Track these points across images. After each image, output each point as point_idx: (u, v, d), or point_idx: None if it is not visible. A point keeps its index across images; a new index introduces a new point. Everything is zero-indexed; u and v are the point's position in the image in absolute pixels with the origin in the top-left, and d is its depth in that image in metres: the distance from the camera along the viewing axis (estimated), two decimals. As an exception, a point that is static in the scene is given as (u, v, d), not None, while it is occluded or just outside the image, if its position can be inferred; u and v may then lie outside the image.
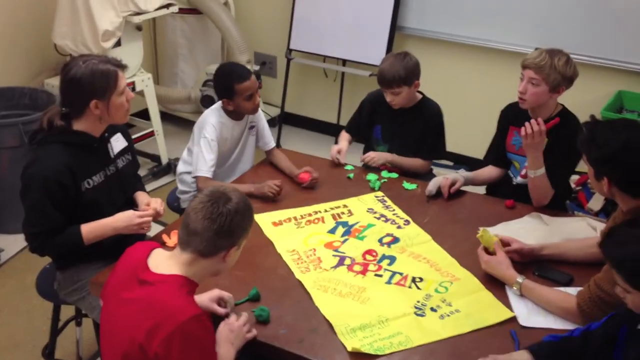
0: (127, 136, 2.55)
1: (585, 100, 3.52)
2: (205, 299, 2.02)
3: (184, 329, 1.65)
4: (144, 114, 4.54)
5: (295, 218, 2.66)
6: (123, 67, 2.30)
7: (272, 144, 3.14)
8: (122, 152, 2.50)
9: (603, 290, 1.94)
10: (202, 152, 2.89)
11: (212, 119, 2.93)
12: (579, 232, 2.46)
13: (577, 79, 2.71)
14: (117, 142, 2.47)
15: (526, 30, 4.02)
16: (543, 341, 1.91)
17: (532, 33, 3.96)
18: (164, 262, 1.80)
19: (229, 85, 2.86)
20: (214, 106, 3.01)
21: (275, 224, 2.61)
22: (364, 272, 2.33)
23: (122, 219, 2.32)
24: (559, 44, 2.76)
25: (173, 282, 1.75)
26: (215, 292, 2.05)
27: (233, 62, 4.18)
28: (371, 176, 2.97)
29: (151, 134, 4.43)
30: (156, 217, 2.43)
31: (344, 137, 3.25)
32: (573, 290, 2.11)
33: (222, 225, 1.75)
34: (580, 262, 2.30)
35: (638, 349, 1.69)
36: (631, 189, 1.96)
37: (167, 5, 4.22)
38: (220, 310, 2.02)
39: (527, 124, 2.57)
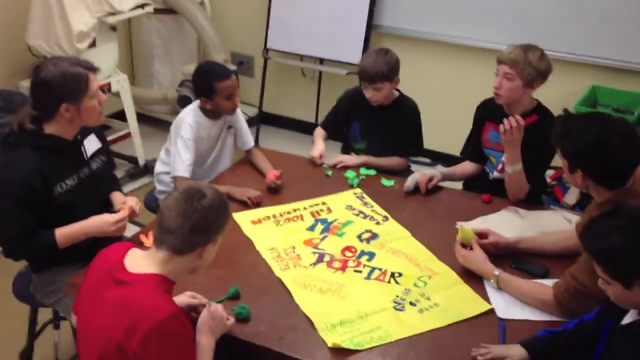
0: (101, 137, 2.52)
1: (559, 96, 3.56)
2: (181, 298, 2.01)
3: (162, 327, 1.65)
4: (121, 115, 4.50)
5: (274, 216, 2.66)
6: (95, 69, 2.28)
7: (251, 143, 3.14)
8: (97, 154, 2.48)
9: (578, 282, 1.97)
10: (179, 151, 2.88)
11: (188, 118, 2.92)
12: (554, 225, 2.49)
13: (552, 74, 2.74)
14: (91, 144, 2.45)
15: (500, 27, 4.06)
16: (537, 336, 1.93)
17: (507, 30, 4.00)
18: (140, 261, 1.79)
19: (209, 84, 2.85)
20: (190, 106, 3.00)
21: (254, 222, 2.61)
22: (343, 268, 2.34)
23: (96, 224, 2.29)
24: (534, 40, 2.79)
25: (149, 281, 1.74)
26: (189, 293, 2.04)
27: (213, 61, 4.16)
28: (349, 173, 2.98)
29: (127, 135, 4.40)
30: (132, 217, 2.41)
31: (320, 134, 3.25)
32: (549, 282, 2.14)
33: (196, 222, 1.74)
34: (556, 254, 2.33)
35: (624, 345, 1.70)
36: (605, 181, 1.99)
37: (142, 5, 4.20)
38: (197, 302, 2.01)
39: (505, 120, 2.59)
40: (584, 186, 2.04)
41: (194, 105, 2.98)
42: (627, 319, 1.73)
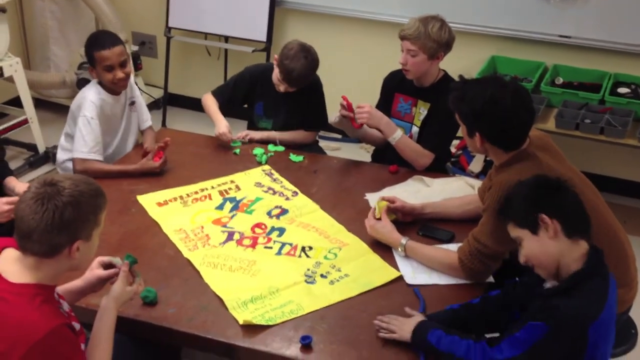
0: (-12, 122, 2.39)
1: (461, 66, 3.61)
2: (87, 274, 1.87)
3: (41, 348, 1.52)
4: (16, 102, 4.27)
5: (181, 197, 2.60)
6: None
7: (148, 122, 3.04)
8: (-15, 139, 2.34)
9: (480, 243, 2.03)
10: (82, 131, 2.74)
11: (90, 96, 2.78)
12: (458, 191, 2.55)
13: (454, 45, 2.79)
14: (-22, 129, 2.32)
15: (403, 1, 4.10)
16: (444, 309, 1.96)
17: (409, 3, 4.04)
18: (13, 266, 1.64)
19: (90, 52, 2.75)
20: (90, 83, 2.86)
21: (160, 204, 2.54)
22: (253, 245, 2.31)
23: None
24: (434, 12, 2.82)
25: (24, 293, 1.59)
26: (98, 261, 1.88)
27: (106, 30, 3.98)
28: (257, 150, 2.94)
29: (25, 121, 4.17)
30: None
31: (216, 106, 3.08)
32: (454, 247, 2.19)
33: (50, 223, 1.57)
34: (459, 218, 2.39)
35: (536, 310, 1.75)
36: (501, 142, 2.04)
37: (33, -15, 3.98)
38: (106, 274, 1.87)
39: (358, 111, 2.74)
40: (483, 150, 2.09)
41: (94, 81, 2.85)
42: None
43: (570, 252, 1.73)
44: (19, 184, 2.48)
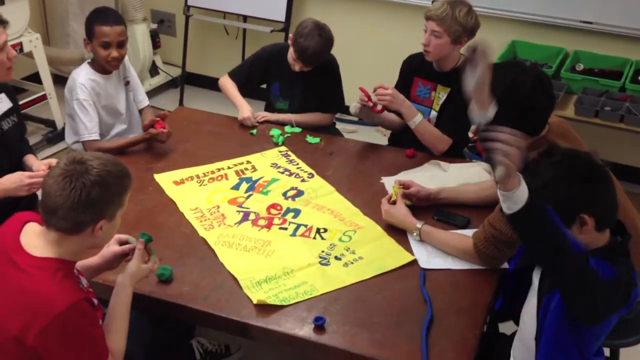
0: (12, 97, 2.41)
1: (481, 51, 3.60)
2: (103, 251, 1.90)
3: (60, 321, 1.55)
4: (35, 77, 4.29)
5: (197, 176, 2.61)
6: (3, 22, 2.16)
7: (145, 102, 3.06)
8: (7, 114, 2.37)
9: (496, 229, 2.02)
10: (79, 115, 2.77)
11: (80, 78, 2.80)
12: (475, 177, 2.54)
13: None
14: (1, 103, 2.34)
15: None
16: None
17: (429, -15, 4.00)
18: (35, 240, 1.66)
19: (91, 25, 2.76)
20: (82, 65, 2.88)
21: (176, 183, 2.56)
22: (268, 226, 2.32)
23: (11, 180, 2.21)
24: (456, -5, 2.79)
25: (46, 267, 1.61)
26: (115, 238, 1.90)
27: (111, 8, 3.98)
28: (274, 131, 2.94)
29: (43, 97, 4.20)
30: None
31: (236, 90, 3.11)
32: (470, 232, 2.18)
33: (77, 201, 1.58)
34: (476, 204, 2.38)
35: None
36: (520, 127, 2.01)
37: (53, -40, 3.98)
38: (121, 250, 1.90)
39: (379, 92, 2.73)
40: (502, 134, 2.07)
41: (85, 63, 2.87)
42: None
43: (597, 242, 1.70)
44: (36, 162, 2.51)
